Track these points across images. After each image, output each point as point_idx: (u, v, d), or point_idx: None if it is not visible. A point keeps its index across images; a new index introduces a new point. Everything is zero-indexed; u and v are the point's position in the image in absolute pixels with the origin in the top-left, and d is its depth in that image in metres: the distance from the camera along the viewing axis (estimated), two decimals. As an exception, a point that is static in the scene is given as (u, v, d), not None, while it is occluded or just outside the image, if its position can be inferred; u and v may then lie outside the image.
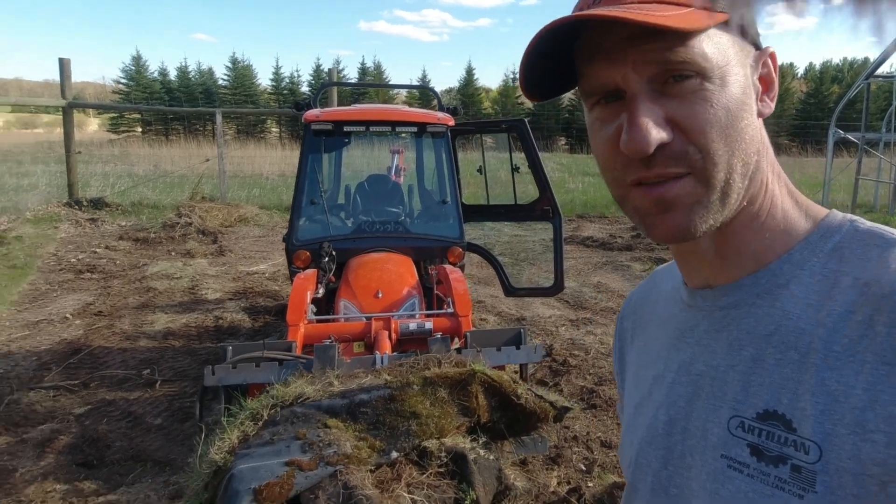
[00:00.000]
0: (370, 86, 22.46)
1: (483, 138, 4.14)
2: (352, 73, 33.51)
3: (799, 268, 0.52)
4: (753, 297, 0.53)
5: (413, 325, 2.52)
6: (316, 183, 3.55)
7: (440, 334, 2.39)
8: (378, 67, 33.93)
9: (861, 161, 9.99)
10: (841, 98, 11.91)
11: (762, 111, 0.53)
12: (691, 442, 0.55)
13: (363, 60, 42.14)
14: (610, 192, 0.55)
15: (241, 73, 32.10)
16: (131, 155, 17.31)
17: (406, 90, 30.44)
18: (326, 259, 3.10)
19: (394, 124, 3.52)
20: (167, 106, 25.08)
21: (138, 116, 29.94)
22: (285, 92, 32.04)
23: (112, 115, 30.93)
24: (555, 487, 2.55)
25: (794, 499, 0.45)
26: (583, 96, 0.54)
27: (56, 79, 9.06)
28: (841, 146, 11.84)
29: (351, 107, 4.10)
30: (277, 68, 32.95)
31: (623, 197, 0.53)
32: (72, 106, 9.15)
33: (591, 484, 2.59)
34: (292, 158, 4.45)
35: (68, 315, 4.79)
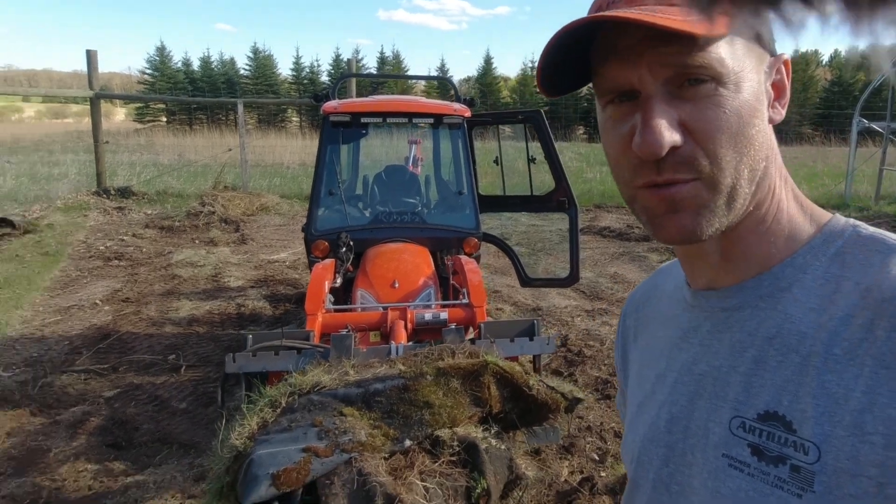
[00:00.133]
0: (388, 77, 22.54)
1: (500, 128, 4.13)
2: (371, 63, 33.58)
3: (802, 272, 0.52)
4: (756, 300, 0.54)
5: (428, 316, 2.55)
6: (334, 174, 3.59)
7: (455, 325, 2.42)
8: (397, 56, 33.86)
9: (886, 151, 9.65)
10: (866, 86, 11.48)
11: (773, 118, 0.54)
12: (693, 440, 0.56)
13: (382, 50, 42.09)
14: (619, 190, 0.56)
15: (262, 63, 32.36)
16: (156, 144, 17.63)
17: (424, 80, 30.34)
18: (344, 249, 3.15)
19: (410, 116, 3.53)
20: (190, 96, 25.44)
21: (163, 106, 30.46)
22: (305, 81, 32.23)
23: (138, 105, 31.51)
24: (567, 477, 2.58)
25: (793, 498, 0.46)
26: (597, 94, 0.55)
27: (84, 69, 9.26)
28: (865, 136, 11.42)
29: (369, 98, 4.12)
30: (297, 58, 33.17)
31: (632, 197, 0.54)
32: (99, 97, 9.36)
33: (604, 474, 2.61)
34: (312, 148, 4.51)
35: (98, 301, 4.95)
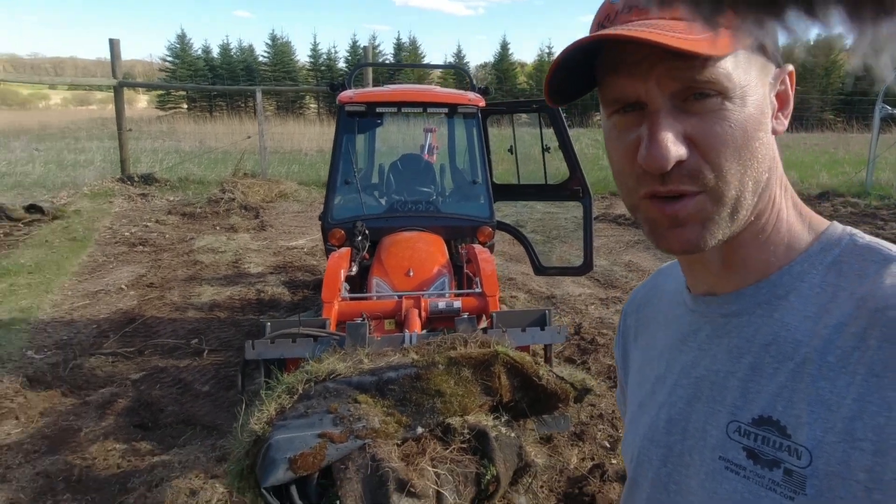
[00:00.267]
0: (403, 66, 22.70)
1: (515, 115, 4.11)
2: (387, 49, 33.41)
3: (799, 280, 0.53)
4: (754, 307, 0.55)
5: (442, 304, 2.59)
6: (350, 163, 3.63)
7: (467, 314, 2.45)
8: (413, 42, 33.69)
9: (908, 138, 9.34)
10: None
11: (776, 128, 0.54)
12: (690, 442, 0.57)
13: (399, 36, 41.88)
14: (621, 198, 0.57)
15: (280, 50, 32.44)
16: (178, 131, 17.88)
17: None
18: (360, 238, 3.20)
19: (425, 105, 3.54)
20: (210, 83, 25.65)
21: (184, 94, 30.79)
22: (323, 68, 32.25)
23: (159, 93, 31.93)
24: (577, 464, 2.62)
25: (786, 500, 0.48)
26: (602, 102, 0.55)
27: (108, 57, 9.41)
28: (889, 122, 11.00)
29: (384, 88, 4.13)
30: (315, 45, 33.22)
31: (635, 206, 0.55)
32: (122, 85, 9.51)
33: (615, 461, 2.64)
34: (330, 134, 4.56)
35: (123, 286, 5.11)
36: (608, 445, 2.78)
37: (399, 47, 33.39)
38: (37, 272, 5.36)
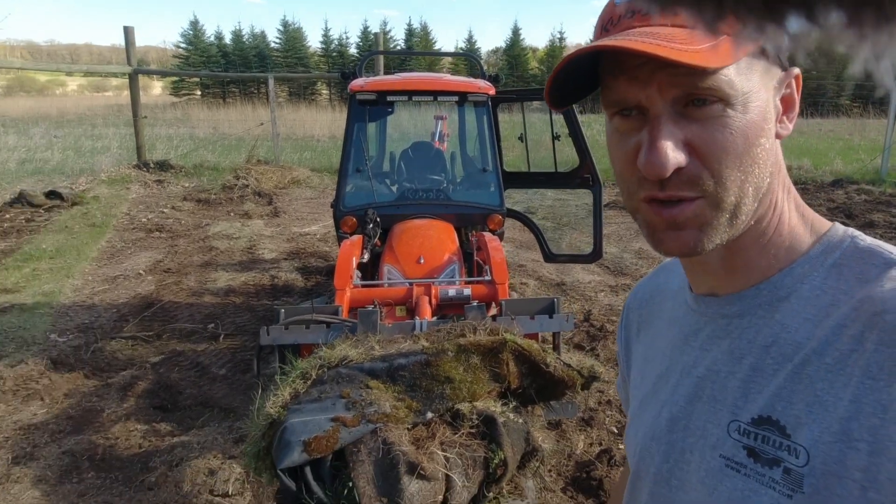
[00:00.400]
0: (414, 53, 22.38)
1: (526, 102, 4.09)
2: (399, 35, 33.21)
3: (800, 282, 0.54)
4: (755, 308, 0.56)
5: (452, 292, 2.62)
6: (361, 151, 3.65)
7: (477, 302, 2.49)
8: (424, 28, 33.39)
9: (925, 125, 9.06)
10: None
11: (780, 133, 0.54)
12: (692, 440, 0.59)
13: (410, 21, 41.45)
14: (622, 199, 0.58)
15: (292, 37, 32.33)
16: (192, 118, 17.99)
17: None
18: (371, 225, 3.24)
19: (436, 94, 3.54)
20: (223, 70, 25.72)
21: (197, 80, 30.90)
22: (334, 54, 32.12)
23: (173, 80, 32.08)
24: (585, 449, 2.66)
25: (784, 498, 0.49)
26: (603, 104, 0.55)
27: (122, 43, 9.48)
28: None
29: (395, 76, 4.14)
30: (326, 31, 33.12)
31: (635, 208, 0.56)
32: (136, 72, 9.59)
33: (622, 447, 2.68)
34: (341, 121, 4.58)
35: (141, 271, 5.22)
36: (616, 431, 2.81)
37: (410, 33, 33.12)
38: (58, 257, 5.49)
